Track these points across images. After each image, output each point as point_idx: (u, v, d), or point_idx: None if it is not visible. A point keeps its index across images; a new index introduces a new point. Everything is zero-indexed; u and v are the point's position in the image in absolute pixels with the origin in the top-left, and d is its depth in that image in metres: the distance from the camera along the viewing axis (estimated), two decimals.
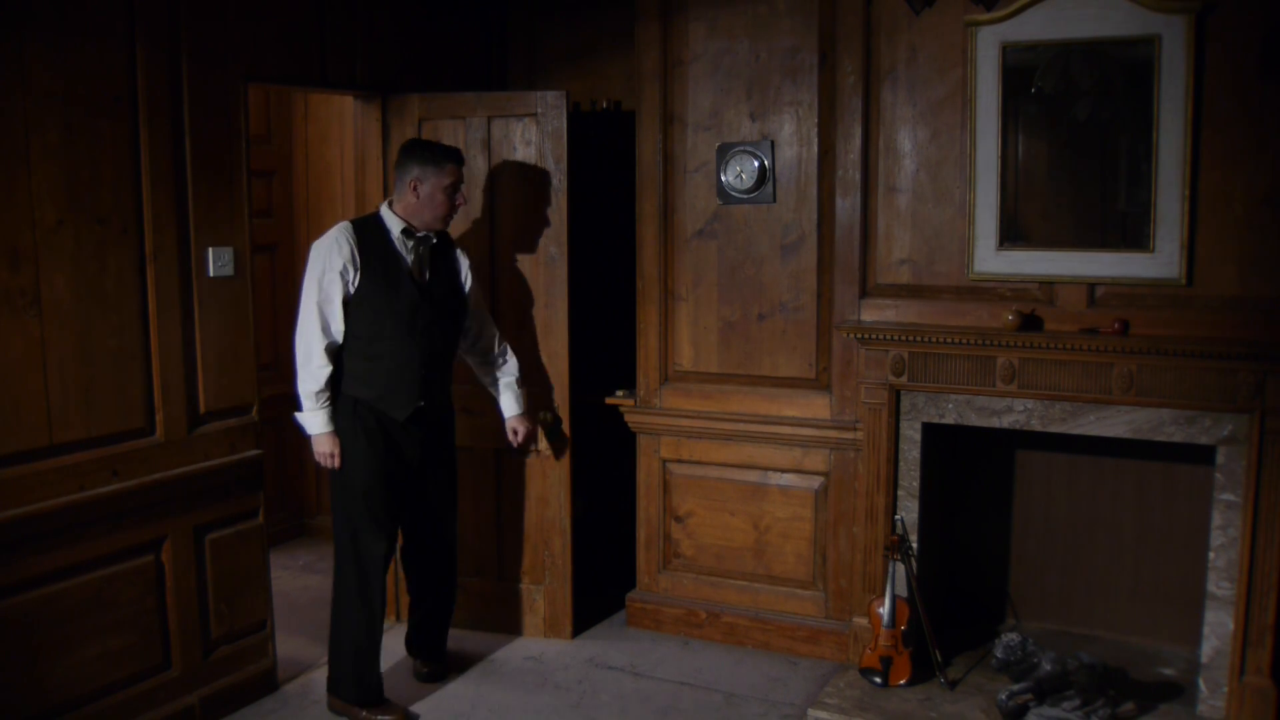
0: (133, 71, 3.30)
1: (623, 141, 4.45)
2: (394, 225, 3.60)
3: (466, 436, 4.25)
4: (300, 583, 5.01)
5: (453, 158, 3.64)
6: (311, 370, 3.52)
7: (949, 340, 3.67)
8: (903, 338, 3.73)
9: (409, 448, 3.69)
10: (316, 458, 3.58)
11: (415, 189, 3.58)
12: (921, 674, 3.75)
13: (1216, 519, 3.44)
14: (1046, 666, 3.47)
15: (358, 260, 3.52)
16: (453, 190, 3.62)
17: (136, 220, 3.35)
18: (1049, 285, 3.69)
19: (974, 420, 3.75)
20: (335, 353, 3.54)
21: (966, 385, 3.71)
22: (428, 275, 3.66)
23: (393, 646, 4.09)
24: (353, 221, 3.63)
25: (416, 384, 3.64)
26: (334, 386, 3.56)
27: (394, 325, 3.57)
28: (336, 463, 3.57)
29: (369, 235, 3.57)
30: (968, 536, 4.22)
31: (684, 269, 4.24)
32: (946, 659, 3.79)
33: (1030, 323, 3.67)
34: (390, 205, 3.64)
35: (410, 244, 3.61)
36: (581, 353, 4.33)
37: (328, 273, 3.50)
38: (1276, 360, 3.26)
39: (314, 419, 3.54)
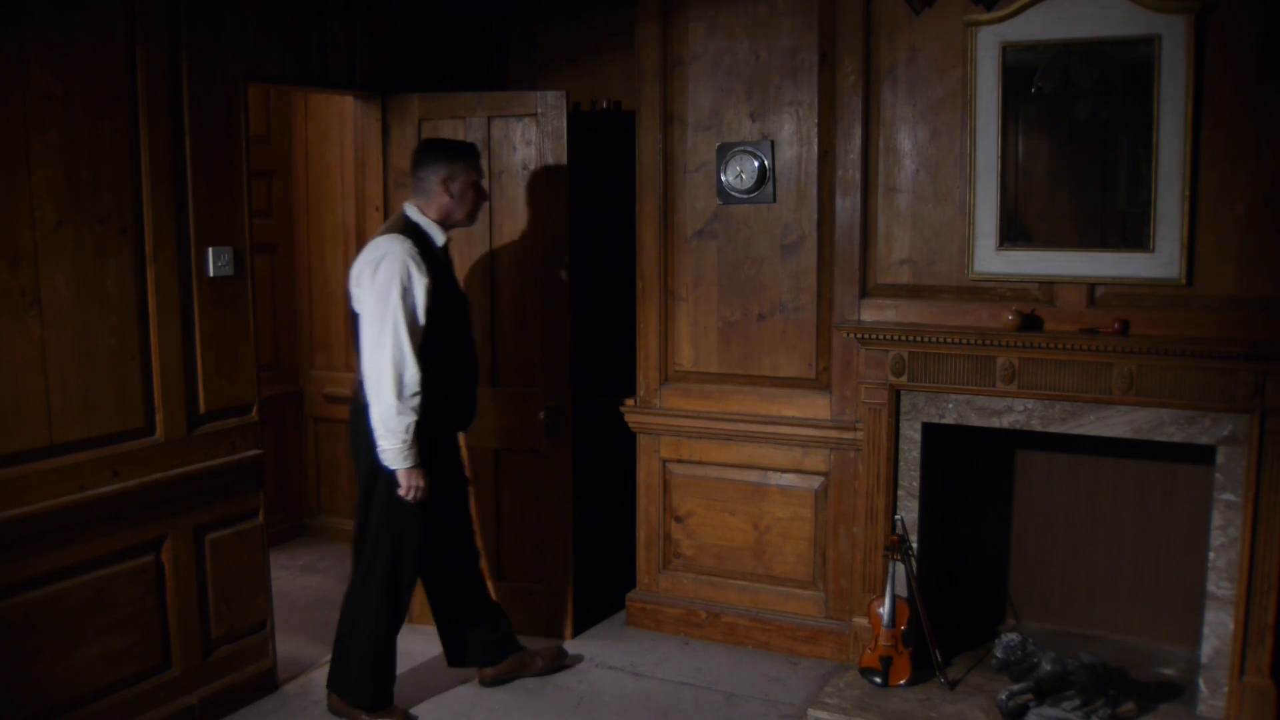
0: (133, 71, 3.30)
1: (623, 141, 4.45)
2: (436, 234, 3.53)
3: (467, 437, 4.25)
4: (300, 583, 5.01)
5: (477, 153, 3.65)
6: (408, 402, 3.33)
7: (949, 340, 3.67)
8: (903, 338, 3.73)
9: (452, 456, 3.72)
10: (405, 492, 3.42)
11: (447, 187, 3.51)
12: (921, 674, 3.75)
13: (1216, 519, 3.44)
14: (1046, 666, 3.47)
15: (430, 276, 3.40)
16: (479, 185, 3.62)
17: (136, 220, 3.35)
18: (1049, 285, 3.69)
19: (974, 420, 3.75)
20: None
21: (966, 385, 3.71)
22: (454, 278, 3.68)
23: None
24: (403, 233, 3.44)
25: (475, 391, 3.71)
26: None
27: (460, 337, 3.59)
28: (427, 493, 3.47)
29: (424, 247, 3.45)
30: (968, 536, 4.22)
31: (684, 269, 4.24)
32: (946, 659, 3.79)
33: (1030, 323, 3.67)
34: (420, 210, 3.54)
35: (443, 249, 3.59)
36: (581, 353, 4.33)
37: (411, 293, 3.34)
38: (1276, 360, 3.26)
39: (411, 454, 3.38)
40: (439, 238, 3.55)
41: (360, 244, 4.37)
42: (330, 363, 5.52)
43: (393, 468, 3.41)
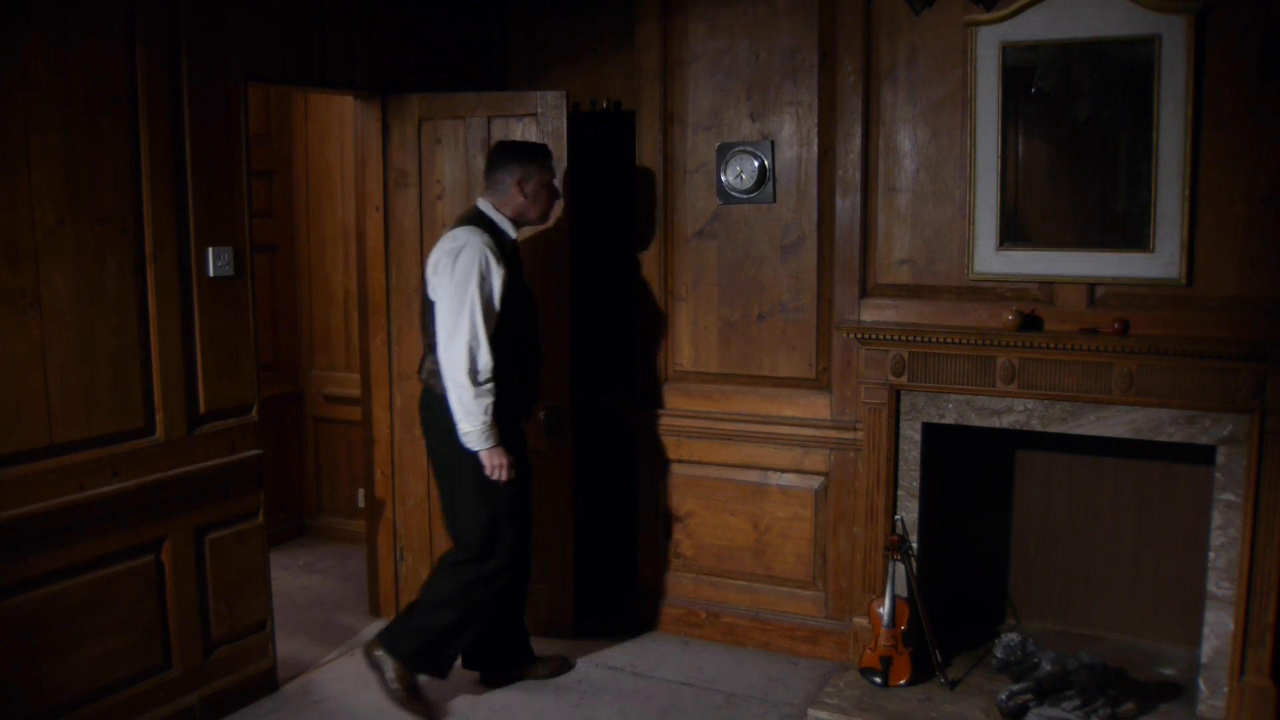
0: (133, 71, 3.30)
1: (623, 141, 4.45)
2: (509, 229, 3.62)
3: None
4: (300, 583, 5.01)
5: (550, 154, 3.74)
6: (484, 385, 3.44)
7: (949, 340, 3.67)
8: (903, 338, 3.73)
9: (520, 441, 3.77)
10: (490, 472, 3.52)
11: (521, 187, 3.61)
12: (921, 674, 3.75)
13: (1216, 519, 3.44)
14: (1046, 666, 3.47)
15: (505, 269, 3.51)
16: (552, 185, 3.71)
17: (136, 220, 3.35)
18: (1049, 285, 3.69)
19: (974, 420, 3.75)
20: None
21: (966, 385, 3.71)
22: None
23: None
24: (477, 226, 3.54)
25: (539, 382, 3.79)
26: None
27: (527, 330, 3.67)
28: (511, 470, 3.55)
29: (499, 241, 3.56)
30: (968, 536, 4.22)
31: (684, 269, 4.24)
32: (946, 659, 3.79)
33: (1030, 323, 3.67)
34: (495, 207, 3.62)
35: (513, 244, 3.67)
36: (581, 353, 4.33)
37: (489, 282, 3.45)
38: (1276, 360, 3.26)
39: (491, 434, 3.49)
40: (511, 233, 3.64)
41: (360, 244, 4.40)
42: (330, 363, 5.52)
43: (475, 449, 3.49)
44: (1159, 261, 3.50)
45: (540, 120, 4.08)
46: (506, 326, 3.54)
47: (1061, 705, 3.41)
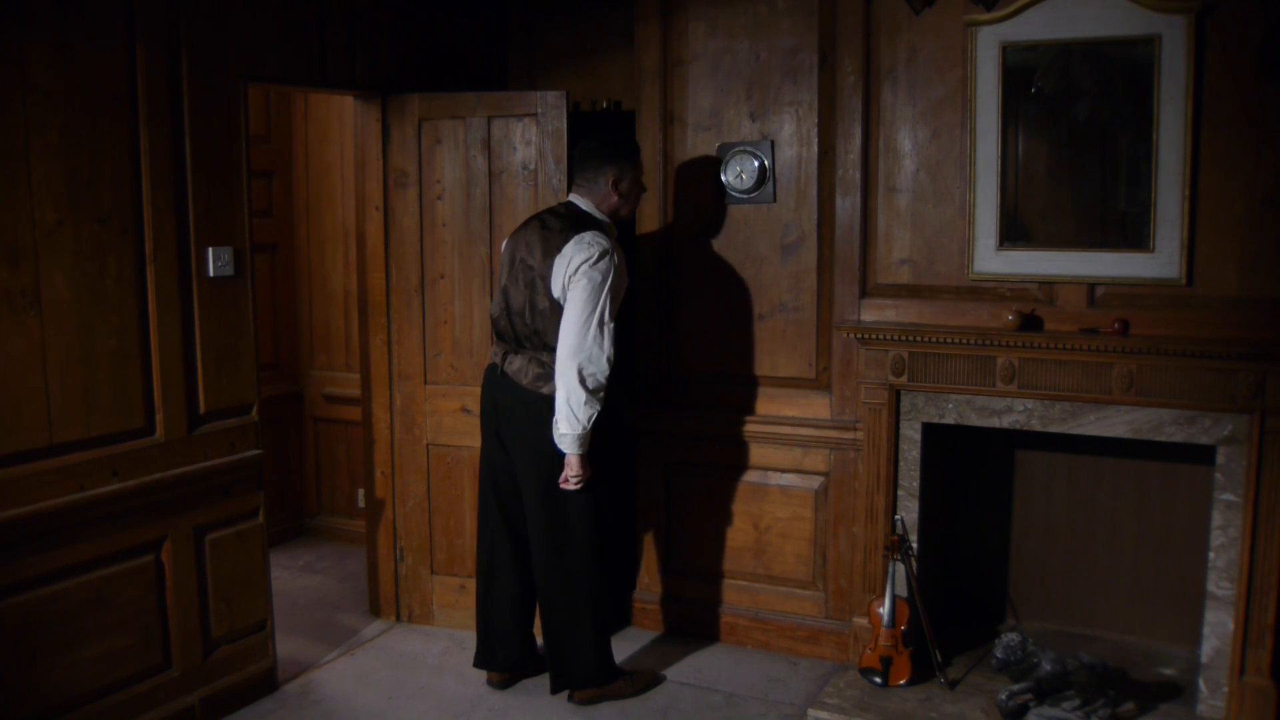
0: (133, 71, 3.30)
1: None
2: (609, 227, 3.68)
3: (470, 436, 4.25)
4: (300, 583, 5.01)
5: (639, 150, 3.80)
6: (600, 394, 3.49)
7: (949, 340, 3.67)
8: (903, 338, 3.73)
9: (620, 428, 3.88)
10: (568, 480, 3.54)
11: (616, 187, 3.66)
12: (921, 674, 3.75)
13: (1216, 519, 3.44)
14: (1046, 666, 3.47)
15: (627, 274, 3.63)
16: (641, 181, 3.79)
17: (136, 220, 3.35)
18: (1049, 285, 3.69)
19: (974, 420, 3.75)
20: None
21: (966, 385, 3.71)
22: None
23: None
24: (598, 230, 3.55)
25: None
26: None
27: (624, 324, 3.75)
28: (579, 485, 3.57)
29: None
30: (968, 536, 4.22)
31: (684, 269, 4.24)
32: (946, 659, 3.79)
33: (1030, 323, 3.67)
34: (594, 206, 3.66)
35: None
36: None
37: (619, 292, 3.52)
38: (1276, 360, 3.26)
39: (586, 442, 3.51)
40: (612, 231, 3.70)
41: (360, 244, 4.39)
42: (330, 363, 5.52)
43: (566, 452, 3.51)
44: (1159, 261, 3.50)
45: (540, 120, 4.09)
46: (621, 325, 3.61)
47: (1061, 705, 3.41)
